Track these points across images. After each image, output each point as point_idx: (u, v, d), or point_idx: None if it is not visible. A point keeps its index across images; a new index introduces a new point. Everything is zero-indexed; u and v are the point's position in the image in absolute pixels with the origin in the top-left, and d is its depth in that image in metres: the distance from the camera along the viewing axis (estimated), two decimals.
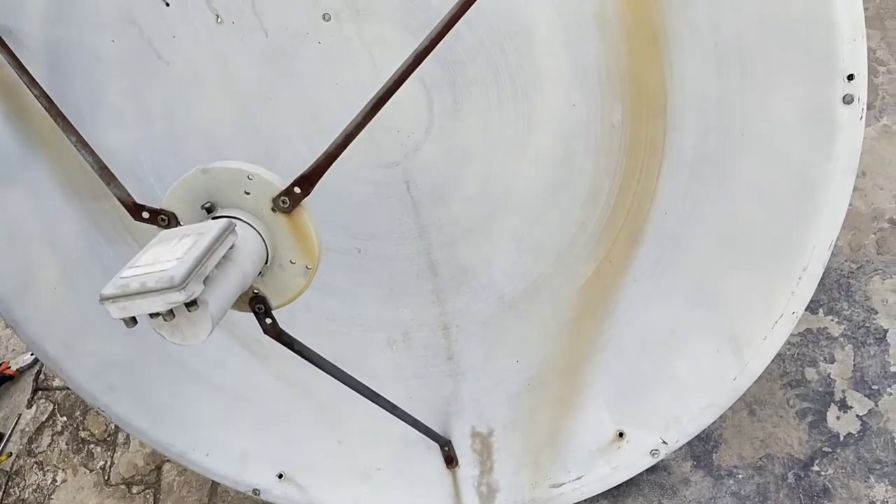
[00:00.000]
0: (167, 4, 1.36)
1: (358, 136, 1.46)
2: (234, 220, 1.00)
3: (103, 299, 0.86)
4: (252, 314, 1.12)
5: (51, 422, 2.31)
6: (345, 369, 1.69)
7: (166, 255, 0.89)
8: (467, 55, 1.36)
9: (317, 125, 1.47)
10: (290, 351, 1.22)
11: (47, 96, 1.28)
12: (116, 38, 1.39)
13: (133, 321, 0.86)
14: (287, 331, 1.21)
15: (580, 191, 1.41)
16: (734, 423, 1.76)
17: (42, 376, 2.42)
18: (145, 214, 1.11)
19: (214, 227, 0.94)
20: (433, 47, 1.10)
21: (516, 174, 1.45)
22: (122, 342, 1.59)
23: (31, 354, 2.46)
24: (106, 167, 1.21)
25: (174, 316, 0.86)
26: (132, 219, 1.12)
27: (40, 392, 2.38)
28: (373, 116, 1.12)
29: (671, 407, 1.44)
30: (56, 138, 1.40)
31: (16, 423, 2.35)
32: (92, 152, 1.21)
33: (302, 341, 1.64)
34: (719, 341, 1.37)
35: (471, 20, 1.20)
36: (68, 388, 1.87)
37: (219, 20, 1.38)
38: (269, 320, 1.12)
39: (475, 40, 1.34)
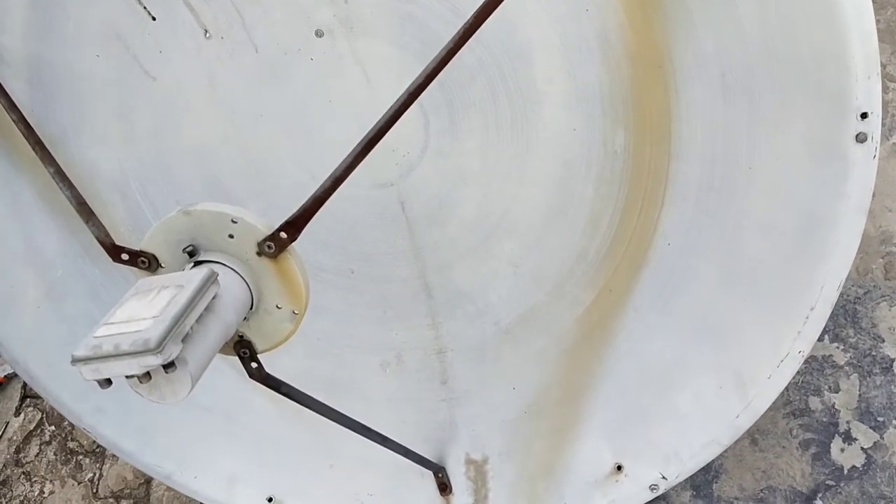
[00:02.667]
0: (154, 18, 1.31)
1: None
2: (216, 269, 0.95)
3: (75, 361, 0.82)
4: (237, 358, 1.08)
5: (38, 431, 2.28)
6: (337, 391, 1.66)
7: (143, 310, 0.85)
8: (466, 76, 1.31)
9: (308, 143, 1.42)
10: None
11: (26, 122, 1.23)
12: (101, 53, 1.34)
13: (108, 382, 0.82)
14: (277, 355, 1.17)
15: (580, 217, 1.37)
16: (735, 452, 1.72)
17: None
18: (125, 256, 1.06)
19: (195, 278, 0.90)
20: (424, 86, 1.05)
21: (514, 197, 1.40)
22: None
23: None
24: (84, 203, 1.16)
25: (150, 378, 0.82)
26: (110, 258, 1.08)
27: (28, 400, 2.35)
28: (362, 159, 1.07)
29: (671, 442, 1.40)
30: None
31: (3, 432, 2.32)
32: (70, 186, 1.16)
33: (293, 362, 1.61)
34: (722, 378, 1.33)
35: (469, 42, 1.15)
36: None
37: (207, 35, 1.33)
38: (254, 364, 1.08)
39: (474, 61, 1.29)
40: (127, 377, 0.82)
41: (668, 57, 1.17)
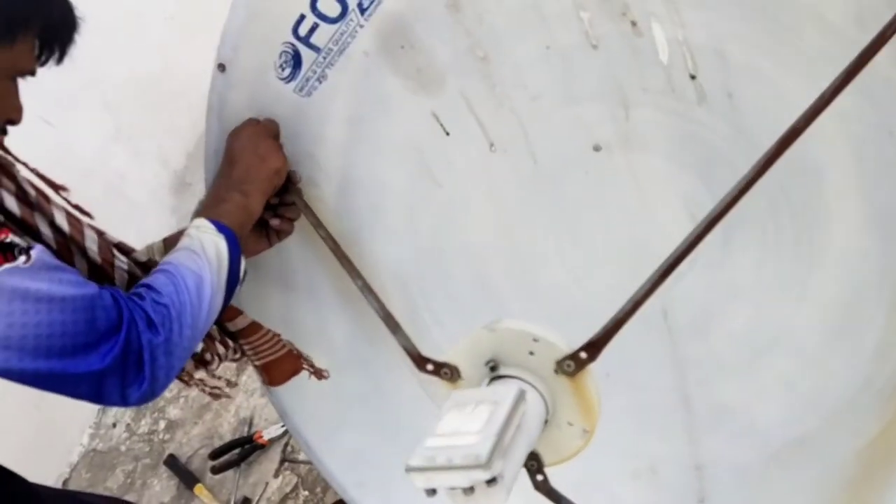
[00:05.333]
0: (447, 133, 1.45)
1: (618, 264, 1.47)
2: (523, 387, 1.02)
3: (410, 469, 0.90)
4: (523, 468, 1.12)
5: (294, 494, 2.48)
6: (587, 496, 1.65)
7: (465, 425, 0.92)
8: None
9: (576, 250, 1.48)
10: None
11: (332, 239, 1.41)
12: (400, 163, 1.51)
13: (433, 492, 0.90)
14: None
15: (868, 343, 1.28)
16: None
17: (289, 448, 2.62)
18: (429, 367, 1.16)
19: (508, 396, 0.96)
20: (728, 210, 1.06)
21: (792, 316, 1.35)
22: (376, 442, 1.68)
23: (282, 426, 2.67)
24: (390, 315, 1.29)
25: (473, 491, 0.88)
26: (416, 367, 1.18)
27: (286, 463, 2.57)
28: (661, 283, 1.10)
29: None
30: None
31: (263, 491, 2.55)
32: (376, 298, 1.30)
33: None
34: None
35: (751, 156, 1.15)
36: (312, 463, 1.98)
37: (492, 149, 1.44)
38: (540, 477, 1.12)
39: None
40: (450, 489, 0.88)
41: None
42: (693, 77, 1.26)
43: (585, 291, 1.50)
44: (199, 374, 1.54)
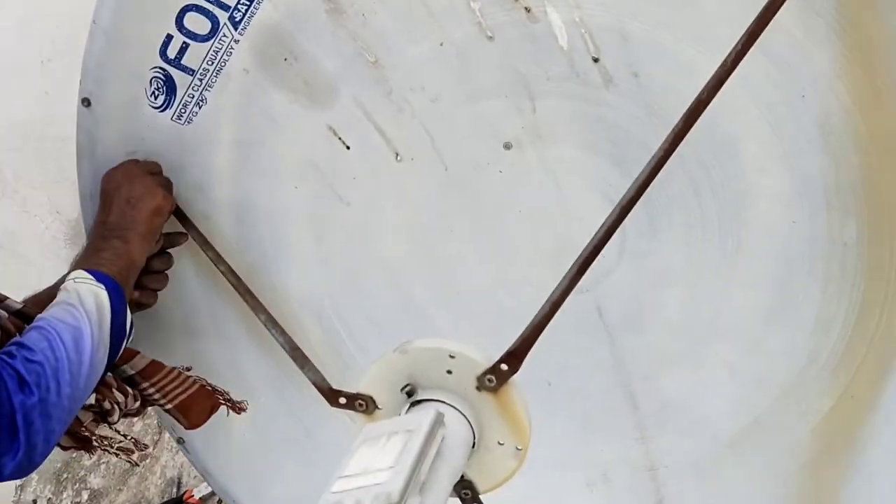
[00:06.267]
0: (348, 147, 1.35)
1: (544, 264, 1.39)
2: (441, 410, 0.92)
3: None
4: (458, 499, 1.02)
5: None
6: None
7: (376, 460, 0.82)
8: (663, 173, 1.24)
9: (499, 254, 1.39)
10: None
11: (234, 273, 1.30)
12: (300, 184, 1.40)
13: None
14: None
15: (807, 317, 1.23)
16: None
17: None
18: (342, 400, 1.06)
19: (423, 422, 0.86)
20: (641, 193, 1.00)
21: (726, 298, 1.29)
22: (310, 490, 1.55)
23: None
24: (298, 348, 1.19)
25: None
26: (329, 402, 1.07)
27: None
28: (578, 281, 1.02)
29: None
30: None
31: None
32: (282, 332, 1.19)
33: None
34: None
35: (665, 136, 1.09)
36: None
37: (398, 158, 1.35)
38: None
39: (672, 157, 1.23)
40: None
41: None
42: (596, 60, 1.19)
43: (515, 297, 1.42)
44: (103, 431, 1.40)
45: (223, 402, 1.52)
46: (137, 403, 1.37)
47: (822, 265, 1.19)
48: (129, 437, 1.46)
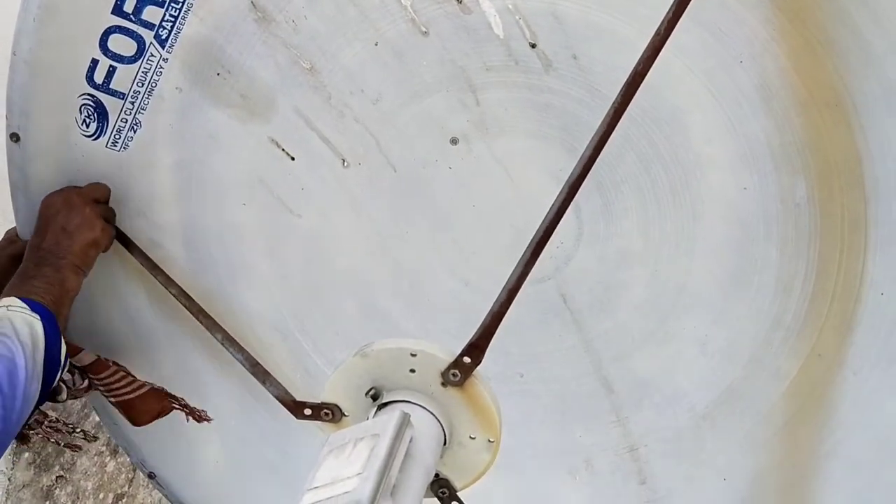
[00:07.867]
0: (292, 158, 1.32)
1: (504, 257, 1.38)
2: (406, 410, 0.90)
3: None
4: (436, 499, 1.00)
5: None
6: None
7: (344, 469, 0.80)
8: (612, 152, 1.23)
9: (458, 251, 1.38)
10: None
11: (186, 294, 1.26)
12: (247, 200, 1.36)
13: None
14: None
15: (767, 281, 1.24)
16: None
17: None
18: (307, 411, 1.04)
19: (389, 424, 0.84)
20: (586, 172, 0.99)
21: (688, 271, 1.29)
22: None
23: None
24: (258, 364, 1.15)
25: None
26: (293, 416, 1.05)
27: None
28: (532, 265, 1.01)
29: None
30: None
31: None
32: (241, 349, 1.16)
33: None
34: None
35: None
36: None
37: (345, 164, 1.32)
38: None
39: (619, 136, 1.21)
40: None
41: (846, 94, 1.06)
42: (533, 45, 1.18)
43: (480, 292, 1.40)
44: (52, 413, 1.37)
45: (179, 407, 1.49)
46: (85, 383, 1.35)
47: (778, 227, 1.20)
48: (77, 430, 1.43)
